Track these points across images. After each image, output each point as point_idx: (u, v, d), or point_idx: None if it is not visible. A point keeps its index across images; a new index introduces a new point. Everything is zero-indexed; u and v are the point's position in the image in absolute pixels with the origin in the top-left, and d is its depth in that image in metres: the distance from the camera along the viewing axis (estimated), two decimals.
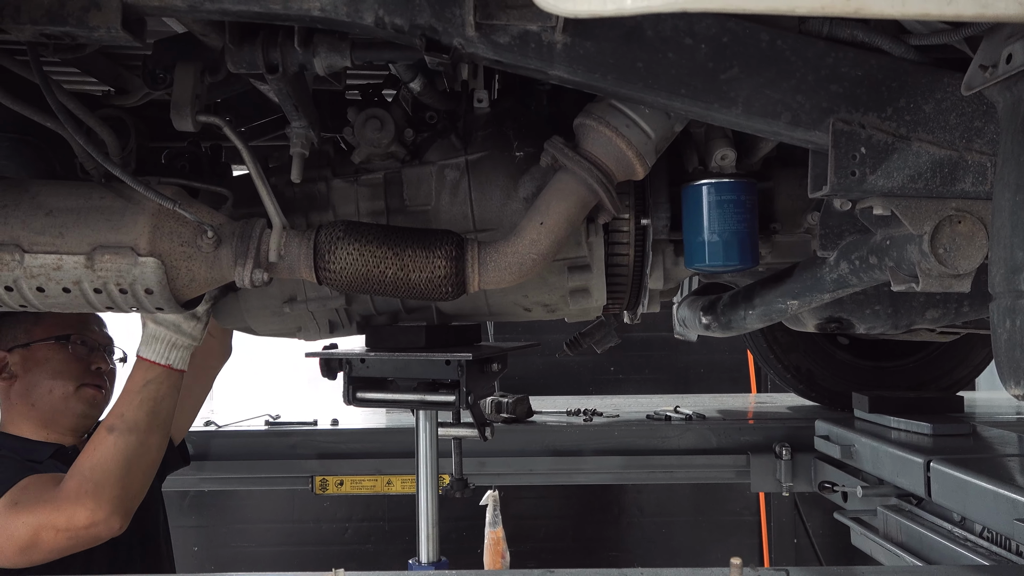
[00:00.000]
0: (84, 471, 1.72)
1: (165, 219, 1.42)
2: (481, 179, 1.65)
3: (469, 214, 1.65)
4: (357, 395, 1.71)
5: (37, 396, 1.96)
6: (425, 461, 1.86)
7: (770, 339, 3.08)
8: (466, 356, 1.61)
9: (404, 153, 1.67)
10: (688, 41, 1.21)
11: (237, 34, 1.34)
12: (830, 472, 2.62)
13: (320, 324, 1.82)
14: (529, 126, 1.66)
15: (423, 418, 1.84)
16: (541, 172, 1.62)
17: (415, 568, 1.85)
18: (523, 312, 1.81)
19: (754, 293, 1.66)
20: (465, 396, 1.62)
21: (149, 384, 1.77)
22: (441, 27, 1.21)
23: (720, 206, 1.50)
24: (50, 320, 1.98)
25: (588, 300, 1.73)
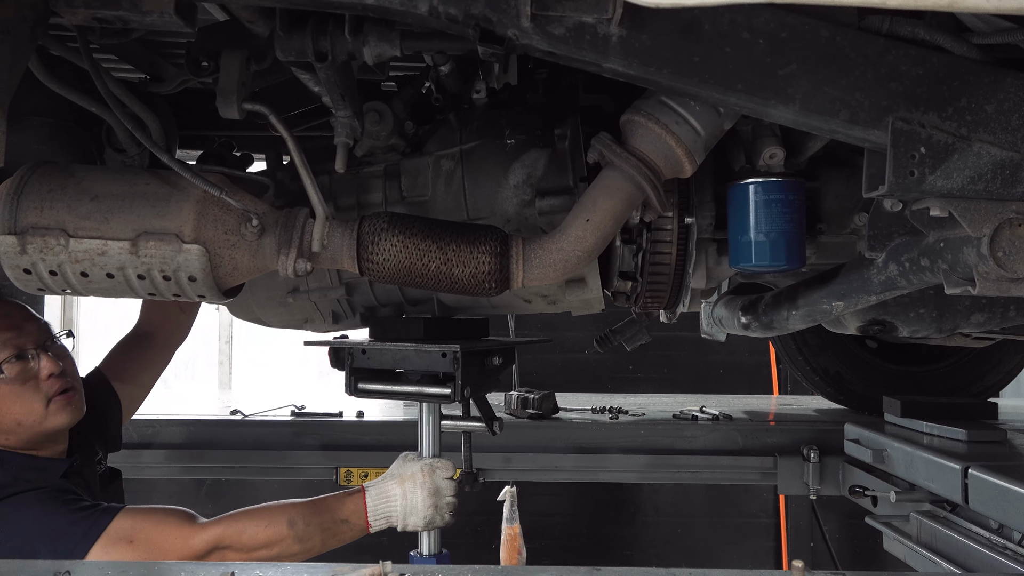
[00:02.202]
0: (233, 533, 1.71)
1: (209, 206, 1.41)
2: (474, 168, 1.66)
3: (463, 203, 1.65)
4: (359, 386, 1.72)
5: (10, 429, 1.81)
6: (427, 454, 1.85)
7: (799, 341, 3.06)
8: (455, 347, 1.60)
9: (404, 145, 1.68)
10: (746, 36, 1.19)
11: (287, 22, 1.34)
12: (859, 476, 2.59)
13: (324, 315, 1.83)
14: (522, 115, 1.66)
15: (425, 410, 1.84)
16: (531, 160, 1.62)
17: (416, 560, 1.83)
18: (523, 304, 1.80)
19: (798, 293, 1.64)
20: (460, 388, 1.61)
21: (347, 526, 1.78)
22: (495, 17, 1.20)
23: (768, 205, 1.48)
24: None
25: (585, 290, 1.72)
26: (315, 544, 1.76)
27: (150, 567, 1.11)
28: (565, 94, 1.63)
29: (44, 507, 1.70)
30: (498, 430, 1.87)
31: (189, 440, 2.82)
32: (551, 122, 1.60)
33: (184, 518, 1.74)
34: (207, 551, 1.70)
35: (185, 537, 1.70)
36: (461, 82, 1.64)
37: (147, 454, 2.82)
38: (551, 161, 1.60)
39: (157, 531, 1.70)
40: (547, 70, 1.63)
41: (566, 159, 1.59)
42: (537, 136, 1.61)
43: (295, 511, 1.76)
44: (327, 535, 1.76)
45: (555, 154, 1.60)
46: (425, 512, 1.74)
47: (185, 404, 3.39)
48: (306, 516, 1.76)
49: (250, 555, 1.72)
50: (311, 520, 1.75)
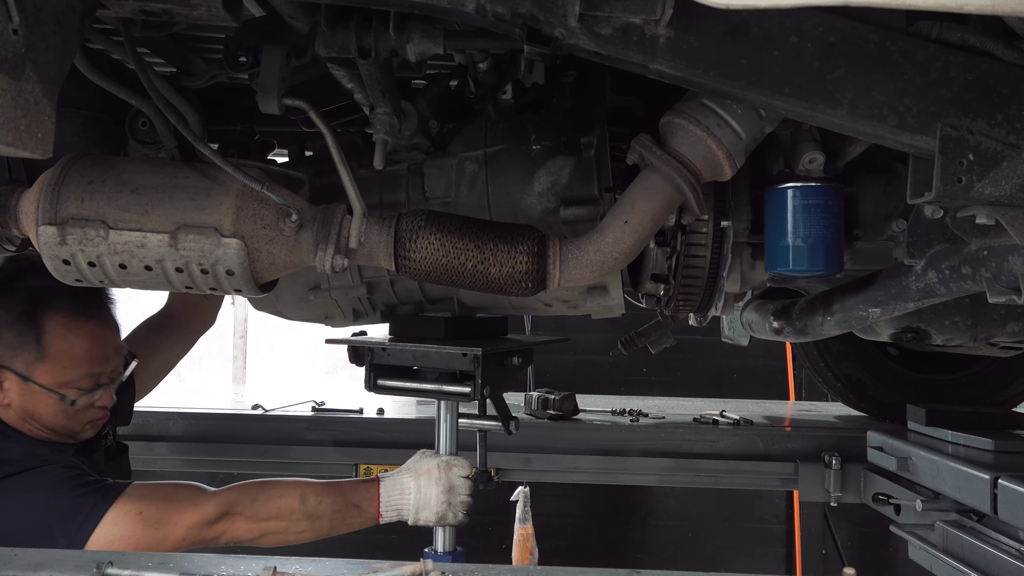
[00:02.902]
0: (257, 504, 1.75)
1: (248, 201, 1.41)
2: (498, 172, 1.65)
3: (486, 207, 1.65)
4: (378, 382, 1.73)
5: (36, 425, 1.85)
6: (444, 451, 1.85)
7: (821, 347, 3.04)
8: (477, 350, 1.61)
9: (428, 145, 1.67)
10: (794, 39, 1.18)
11: (332, 17, 1.34)
12: (881, 484, 2.58)
13: (345, 312, 1.84)
14: (548, 119, 1.66)
15: (443, 408, 1.84)
16: (557, 167, 1.62)
17: (430, 556, 1.84)
18: (543, 307, 1.80)
19: (833, 299, 1.63)
20: (480, 388, 1.62)
21: (357, 511, 1.79)
22: (543, 17, 1.19)
23: (806, 210, 1.47)
24: (57, 364, 1.81)
25: (605, 297, 1.72)
26: (324, 525, 1.77)
27: (191, 558, 1.11)
28: (592, 99, 1.62)
29: (53, 484, 1.72)
30: (514, 430, 1.87)
31: (211, 434, 2.83)
32: (577, 127, 1.60)
33: (193, 488, 1.77)
34: (217, 516, 1.72)
35: (196, 503, 1.72)
36: (496, 78, 1.63)
37: (168, 447, 2.83)
38: (576, 169, 1.60)
39: (166, 501, 1.71)
40: (574, 72, 1.63)
41: (592, 168, 1.59)
42: (563, 143, 1.61)
43: (308, 488, 1.78)
44: (337, 518, 1.77)
45: (581, 162, 1.60)
46: (438, 508, 1.74)
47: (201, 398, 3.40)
48: (318, 495, 1.77)
49: (259, 525, 1.74)
50: (323, 499, 1.76)
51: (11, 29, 0.98)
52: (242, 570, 1.09)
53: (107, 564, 1.06)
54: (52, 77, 1.12)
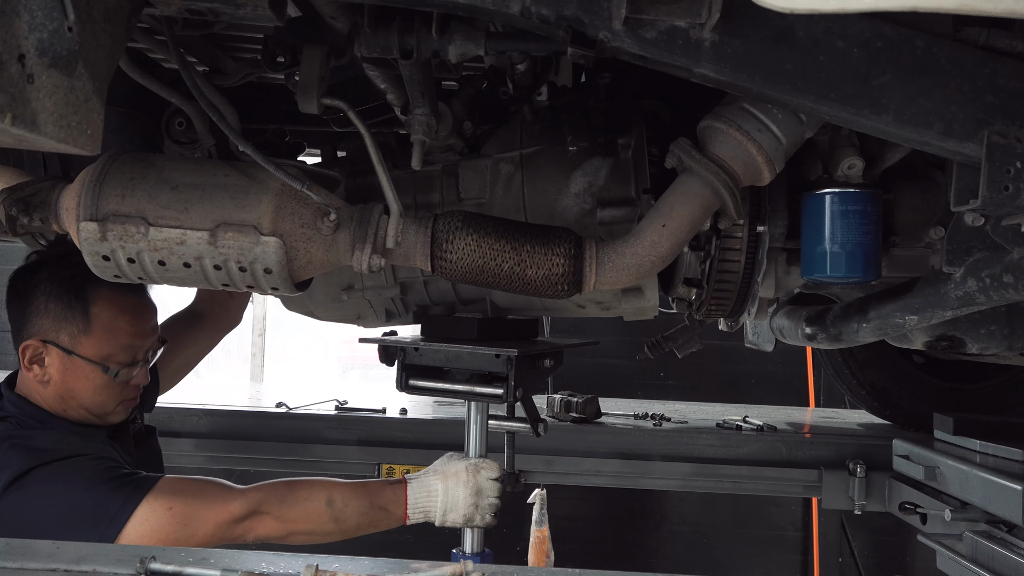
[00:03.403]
0: (273, 500, 1.75)
1: (287, 199, 1.42)
2: (534, 173, 1.65)
3: (522, 208, 1.65)
4: (410, 382, 1.73)
5: (72, 404, 1.87)
6: (474, 453, 1.85)
7: (846, 354, 3.03)
8: (513, 351, 1.61)
9: (462, 146, 1.67)
10: (840, 44, 1.18)
11: (374, 17, 1.34)
12: (907, 492, 2.56)
13: (378, 312, 1.84)
14: (584, 121, 1.65)
15: (473, 409, 1.84)
16: (593, 168, 1.61)
17: (459, 557, 1.84)
18: (576, 309, 1.80)
19: (869, 306, 1.62)
20: (513, 390, 1.62)
21: (384, 513, 1.79)
22: (588, 19, 1.19)
23: (845, 216, 1.46)
24: (102, 335, 1.85)
25: (640, 300, 1.72)
26: (350, 526, 1.77)
27: (232, 555, 1.11)
28: (628, 101, 1.62)
29: (84, 476, 1.72)
30: (543, 432, 1.87)
31: (234, 431, 2.84)
32: (613, 129, 1.59)
33: (221, 485, 1.77)
34: (245, 515, 1.72)
35: (225, 501, 1.73)
36: (532, 79, 1.64)
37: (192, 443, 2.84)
38: (613, 170, 1.60)
39: (196, 498, 1.72)
40: (610, 75, 1.62)
41: (629, 169, 1.58)
42: (599, 144, 1.61)
43: (335, 490, 1.78)
44: (363, 520, 1.77)
45: (618, 164, 1.60)
46: (466, 510, 1.74)
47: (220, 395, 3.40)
48: (345, 497, 1.77)
49: (286, 525, 1.74)
50: (350, 502, 1.76)
51: (67, 27, 0.99)
52: (282, 567, 1.10)
53: (150, 559, 1.06)
54: (102, 74, 1.13)
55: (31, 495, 1.68)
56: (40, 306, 1.85)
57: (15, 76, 0.94)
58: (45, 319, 1.85)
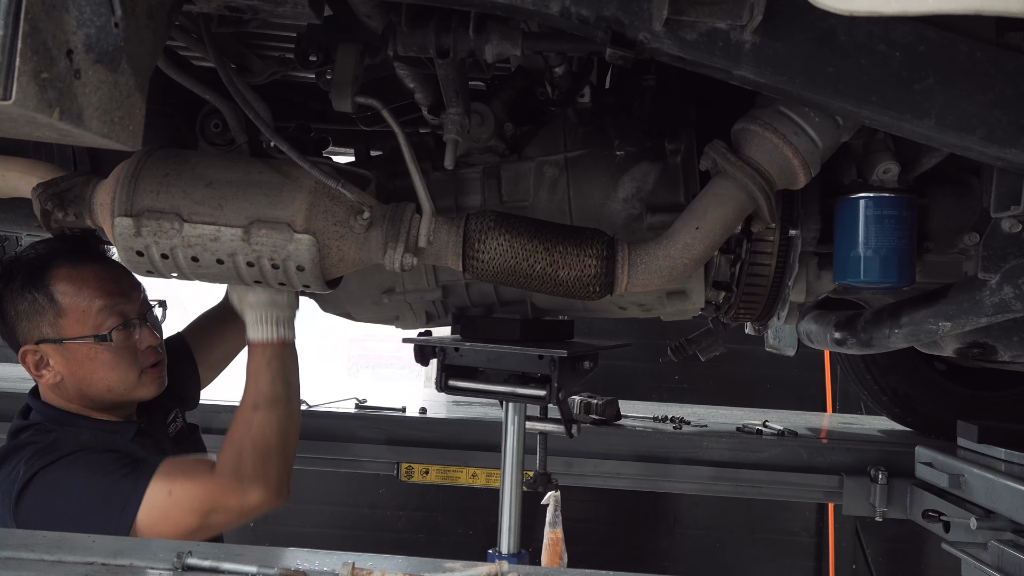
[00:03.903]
0: (246, 451, 1.69)
1: (321, 197, 1.42)
2: (580, 177, 1.64)
3: (567, 211, 1.64)
4: (449, 383, 1.72)
5: (96, 394, 1.83)
6: (512, 454, 1.85)
7: (868, 360, 3.01)
8: (561, 352, 1.60)
9: (503, 148, 1.66)
10: (882, 48, 1.17)
11: (411, 16, 1.34)
12: (929, 500, 2.54)
13: (417, 314, 1.83)
14: (630, 125, 1.64)
15: (512, 411, 1.84)
16: (642, 173, 1.60)
17: (495, 558, 1.84)
18: (617, 310, 1.79)
19: (902, 311, 1.61)
20: (556, 392, 1.62)
21: (272, 361, 1.75)
22: (627, 20, 1.19)
23: (879, 221, 1.45)
24: (76, 309, 1.79)
25: (684, 302, 1.71)
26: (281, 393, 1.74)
27: (267, 552, 1.12)
28: (675, 105, 1.61)
29: (89, 471, 1.69)
30: (576, 433, 1.86)
31: None
32: (660, 133, 1.59)
33: (207, 466, 1.73)
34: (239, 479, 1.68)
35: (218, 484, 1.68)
36: (571, 82, 1.63)
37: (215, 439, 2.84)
38: (662, 176, 1.59)
39: (188, 482, 1.68)
40: (655, 78, 1.62)
41: (678, 175, 1.58)
42: (647, 148, 1.60)
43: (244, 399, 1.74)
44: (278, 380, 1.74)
45: (666, 169, 1.59)
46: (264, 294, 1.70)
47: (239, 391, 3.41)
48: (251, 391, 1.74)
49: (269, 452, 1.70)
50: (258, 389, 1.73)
51: (113, 23, 1.00)
52: (317, 565, 1.10)
53: (187, 554, 1.07)
54: (143, 70, 1.13)
55: (39, 498, 1.66)
56: (12, 314, 1.81)
57: (63, 71, 0.94)
58: (23, 323, 1.81)
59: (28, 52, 0.88)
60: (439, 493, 5.03)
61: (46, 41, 0.91)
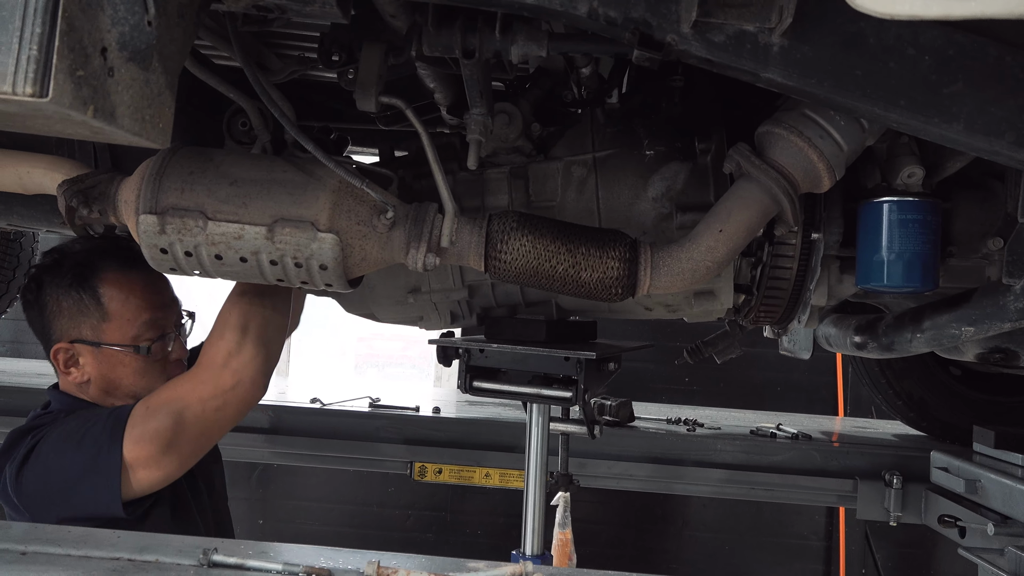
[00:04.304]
0: (225, 332, 1.70)
1: (344, 196, 1.42)
2: (609, 177, 1.64)
3: (595, 211, 1.64)
4: (474, 384, 1.72)
5: (119, 397, 1.85)
6: (536, 455, 1.85)
7: (882, 364, 3.00)
8: (589, 355, 1.60)
9: (530, 148, 1.66)
10: (911, 51, 1.17)
11: (437, 16, 1.34)
12: (944, 505, 2.53)
13: (442, 314, 1.83)
14: (659, 125, 1.64)
15: (536, 412, 1.84)
16: (671, 173, 1.59)
17: (519, 559, 1.84)
18: (643, 311, 1.79)
19: (923, 316, 1.60)
20: (582, 393, 1.62)
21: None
22: (655, 22, 1.19)
23: (903, 225, 1.45)
24: (121, 317, 1.83)
25: (713, 303, 1.70)
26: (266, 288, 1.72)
27: (292, 549, 1.12)
28: (706, 106, 1.61)
29: (79, 420, 1.73)
30: (598, 434, 1.86)
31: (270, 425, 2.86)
32: (690, 133, 1.59)
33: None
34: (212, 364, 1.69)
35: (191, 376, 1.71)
36: (598, 84, 1.63)
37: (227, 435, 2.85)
38: (692, 175, 1.58)
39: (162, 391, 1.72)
40: (683, 79, 1.62)
41: (708, 174, 1.57)
42: (677, 148, 1.60)
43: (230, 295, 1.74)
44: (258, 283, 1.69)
45: (696, 168, 1.58)
46: None
47: None
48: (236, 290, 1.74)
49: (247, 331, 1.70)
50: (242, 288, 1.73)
51: (147, 21, 1.00)
52: (341, 563, 1.10)
53: (212, 551, 1.07)
54: (173, 69, 1.14)
55: (36, 462, 1.69)
56: (54, 309, 1.83)
57: (97, 69, 0.95)
58: (63, 320, 1.83)
59: (65, 50, 0.88)
60: (448, 493, 5.04)
61: (82, 39, 0.91)
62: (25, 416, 1.87)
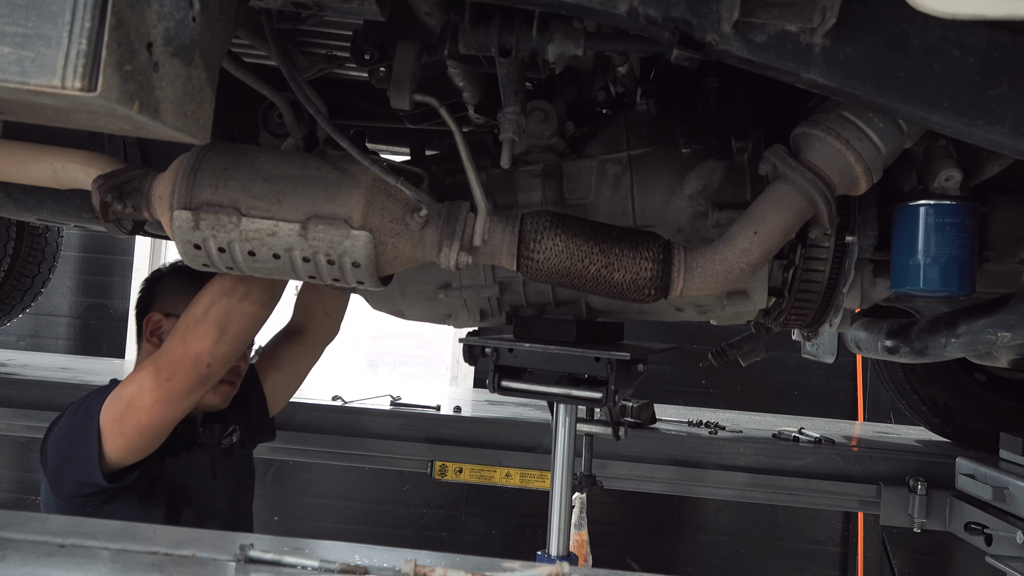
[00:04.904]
0: (198, 306, 1.79)
1: (378, 194, 1.42)
2: (644, 175, 1.63)
3: (630, 209, 1.63)
4: (503, 383, 1.71)
5: None
6: (562, 455, 1.84)
7: (907, 368, 2.97)
8: (623, 356, 1.59)
9: (563, 146, 1.66)
10: (956, 53, 1.15)
11: (473, 14, 1.34)
12: (970, 512, 2.51)
13: (471, 312, 1.83)
14: (695, 124, 1.63)
15: (563, 412, 1.83)
16: (708, 171, 1.59)
17: (544, 560, 1.84)
18: (674, 312, 1.77)
19: (959, 321, 1.59)
20: (613, 394, 1.61)
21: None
22: (696, 21, 1.18)
23: (940, 229, 1.44)
24: None
25: (746, 303, 1.69)
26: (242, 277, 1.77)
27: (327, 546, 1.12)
28: (742, 105, 1.60)
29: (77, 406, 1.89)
30: (623, 435, 1.85)
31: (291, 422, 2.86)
32: (725, 133, 1.58)
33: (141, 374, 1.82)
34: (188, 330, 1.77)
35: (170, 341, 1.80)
36: (634, 83, 1.62)
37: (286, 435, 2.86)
38: (728, 173, 1.58)
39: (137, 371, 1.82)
40: (718, 79, 1.61)
41: (744, 173, 1.56)
42: (713, 147, 1.59)
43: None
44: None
45: (732, 167, 1.58)
46: None
47: None
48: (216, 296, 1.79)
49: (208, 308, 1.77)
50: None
51: (191, 16, 1.00)
52: (376, 561, 1.10)
53: (249, 547, 1.07)
54: (214, 65, 1.14)
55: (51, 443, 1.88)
56: (165, 285, 2.06)
57: (143, 64, 0.95)
58: (167, 296, 2.03)
59: (113, 44, 0.89)
60: (463, 492, 5.04)
61: (129, 34, 0.91)
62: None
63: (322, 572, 1.05)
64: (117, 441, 1.80)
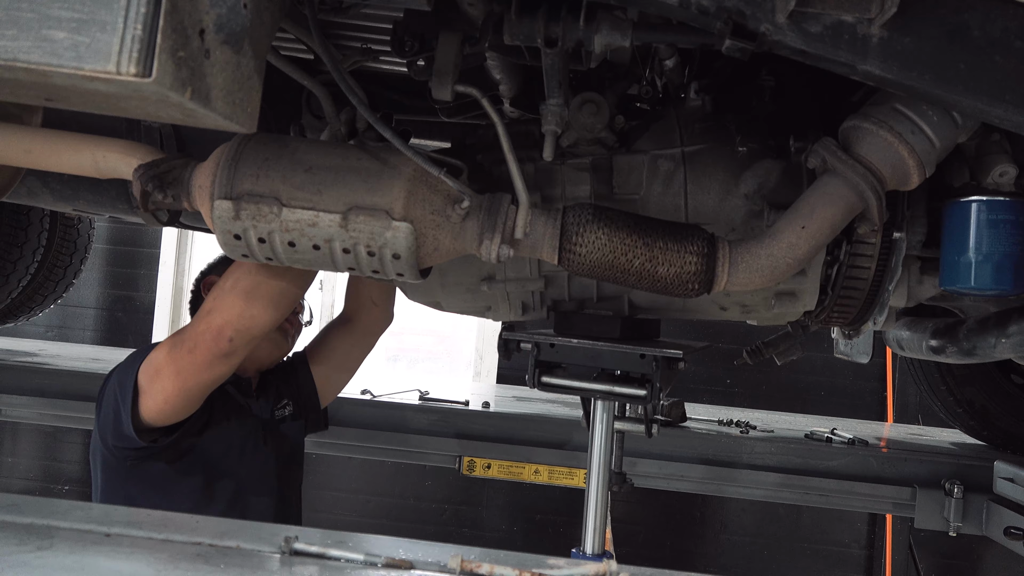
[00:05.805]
0: (227, 280, 1.80)
1: (419, 185, 1.41)
2: (698, 172, 1.60)
3: (682, 206, 1.60)
4: (543, 379, 1.69)
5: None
6: (599, 452, 1.81)
7: (943, 370, 2.92)
8: (676, 353, 1.56)
9: (612, 140, 1.63)
10: (1018, 44, 1.13)
11: (519, 4, 1.32)
12: (1008, 517, 2.46)
13: (513, 305, 1.81)
14: (752, 122, 1.60)
15: (600, 409, 1.80)
16: (764, 170, 1.56)
17: (578, 557, 1.81)
18: (718, 311, 1.75)
19: (1010, 320, 1.55)
20: (658, 392, 1.59)
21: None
22: (750, 11, 1.16)
23: (993, 225, 1.40)
24: None
25: (794, 304, 1.66)
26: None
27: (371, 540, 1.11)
28: (801, 104, 1.57)
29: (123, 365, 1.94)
30: (655, 433, 1.83)
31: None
32: (780, 132, 1.55)
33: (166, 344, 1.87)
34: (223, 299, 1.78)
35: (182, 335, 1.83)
36: (682, 77, 1.60)
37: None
38: (784, 174, 1.55)
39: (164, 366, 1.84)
40: (774, 77, 1.58)
41: (802, 174, 1.53)
42: (770, 146, 1.56)
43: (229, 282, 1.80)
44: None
45: (789, 167, 1.55)
46: None
47: None
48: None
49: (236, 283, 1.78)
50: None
51: (243, 3, 0.99)
52: (421, 556, 1.09)
53: (294, 539, 1.06)
54: (261, 53, 1.13)
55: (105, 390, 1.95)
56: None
57: (196, 50, 0.94)
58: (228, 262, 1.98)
59: (168, 30, 0.88)
60: (484, 488, 5.03)
61: (183, 20, 0.91)
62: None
63: (367, 566, 1.04)
64: (147, 402, 1.86)
